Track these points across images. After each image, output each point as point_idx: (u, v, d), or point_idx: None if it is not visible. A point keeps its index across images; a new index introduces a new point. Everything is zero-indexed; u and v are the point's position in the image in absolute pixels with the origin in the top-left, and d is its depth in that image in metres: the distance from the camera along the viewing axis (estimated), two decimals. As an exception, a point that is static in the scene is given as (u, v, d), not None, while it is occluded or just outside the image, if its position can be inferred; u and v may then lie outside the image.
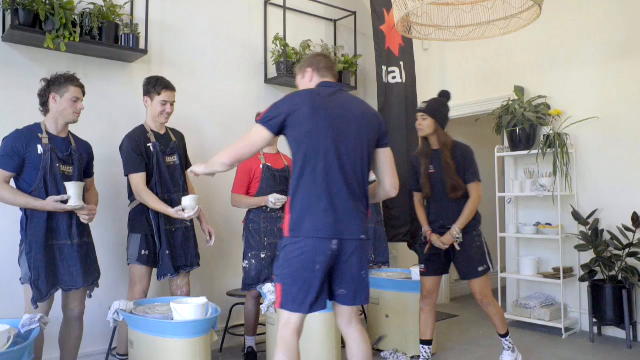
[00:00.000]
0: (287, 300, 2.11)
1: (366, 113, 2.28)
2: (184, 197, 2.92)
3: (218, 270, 4.05)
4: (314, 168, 2.12)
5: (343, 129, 2.17)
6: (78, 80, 2.77)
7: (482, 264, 3.17)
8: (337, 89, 2.28)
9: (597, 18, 4.25)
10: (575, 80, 4.37)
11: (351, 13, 4.94)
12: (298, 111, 2.14)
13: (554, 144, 4.20)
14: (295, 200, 2.14)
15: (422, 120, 3.21)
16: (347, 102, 2.25)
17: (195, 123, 3.92)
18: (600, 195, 4.21)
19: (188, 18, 4.01)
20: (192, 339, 2.51)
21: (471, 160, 3.18)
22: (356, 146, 2.19)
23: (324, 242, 2.08)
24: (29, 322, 2.30)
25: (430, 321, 3.29)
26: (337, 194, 2.12)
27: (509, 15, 3.01)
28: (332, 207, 2.10)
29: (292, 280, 2.09)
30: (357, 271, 2.16)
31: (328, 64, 2.35)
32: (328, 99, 2.20)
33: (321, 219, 2.08)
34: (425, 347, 3.29)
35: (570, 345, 3.93)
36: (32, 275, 2.55)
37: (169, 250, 3.02)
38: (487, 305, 3.20)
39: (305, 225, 2.09)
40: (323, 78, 2.33)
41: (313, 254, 2.07)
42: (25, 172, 2.63)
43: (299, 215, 2.11)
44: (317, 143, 2.13)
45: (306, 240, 2.08)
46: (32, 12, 3.06)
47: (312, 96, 2.20)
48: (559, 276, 4.17)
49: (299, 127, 2.13)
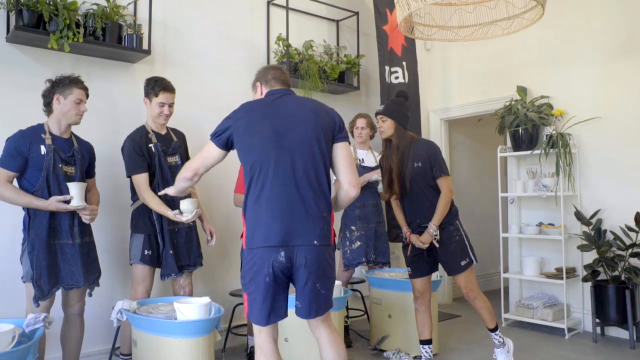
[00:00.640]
0: (249, 312, 2.13)
1: (315, 111, 2.19)
2: (182, 200, 2.89)
3: (221, 270, 4.05)
4: (261, 178, 2.10)
5: (289, 132, 2.12)
6: (82, 83, 2.79)
7: (464, 257, 3.12)
8: (283, 94, 2.25)
9: (600, 18, 4.24)
10: (578, 80, 4.37)
11: (354, 13, 4.94)
12: (239, 124, 2.15)
13: (557, 144, 4.20)
14: (246, 212, 2.13)
15: (382, 122, 3.19)
16: (293, 104, 2.21)
17: (197, 123, 3.92)
18: (603, 196, 4.21)
19: (191, 18, 4.02)
20: (196, 338, 2.52)
21: (436, 155, 3.14)
22: (306, 148, 2.12)
23: (272, 250, 2.04)
24: (33, 321, 2.32)
25: (427, 321, 3.27)
26: (286, 201, 2.07)
27: (512, 16, 3.01)
28: (281, 214, 2.06)
29: (251, 292, 2.10)
30: (311, 283, 2.07)
31: (276, 74, 2.33)
32: (271, 105, 2.19)
33: (268, 228, 2.05)
34: (426, 347, 3.28)
35: (573, 345, 3.93)
36: (34, 274, 2.57)
37: (172, 250, 3.03)
38: (474, 299, 3.18)
39: (257, 235, 2.08)
40: (271, 88, 2.30)
41: (262, 264, 2.05)
42: (28, 172, 2.66)
43: (250, 226, 2.11)
44: (262, 152, 2.10)
45: (256, 251, 2.07)
46: (36, 13, 3.08)
47: (253, 107, 2.20)
48: (561, 276, 4.16)
49: (242, 139, 2.14)
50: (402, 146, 3.15)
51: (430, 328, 3.30)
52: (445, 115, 5.39)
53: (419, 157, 3.12)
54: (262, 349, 2.15)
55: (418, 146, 3.17)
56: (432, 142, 3.26)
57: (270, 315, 2.10)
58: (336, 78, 4.59)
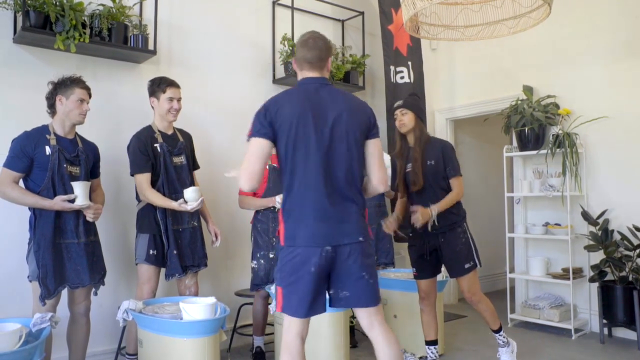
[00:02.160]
0: (285, 304, 2.11)
1: (352, 108, 2.17)
2: (186, 190, 2.94)
3: (226, 270, 4.06)
4: (303, 175, 2.08)
5: (330, 128, 2.10)
6: (84, 82, 2.81)
7: (469, 260, 3.10)
8: (319, 85, 2.18)
9: (606, 17, 4.22)
10: (584, 79, 4.34)
11: (359, 13, 4.94)
12: (282, 117, 2.08)
13: (563, 143, 4.18)
14: (286, 210, 2.12)
15: (402, 115, 3.15)
16: (331, 98, 2.16)
17: (202, 123, 3.93)
18: (610, 195, 4.18)
19: (196, 19, 4.03)
20: (201, 338, 2.52)
21: (451, 155, 3.14)
22: (345, 146, 2.12)
23: (315, 249, 2.05)
24: (40, 321, 2.33)
25: (432, 322, 3.26)
26: (330, 201, 2.08)
27: (518, 15, 2.99)
28: (324, 214, 2.07)
29: (288, 285, 2.09)
30: (357, 272, 2.11)
31: (300, 53, 2.19)
32: (311, 98, 2.12)
33: (313, 228, 2.06)
34: (432, 348, 3.28)
35: (579, 346, 3.90)
36: (40, 272, 2.59)
37: (176, 250, 3.03)
38: (477, 303, 3.16)
39: (299, 234, 2.07)
40: (301, 71, 2.21)
41: (306, 258, 2.05)
42: (34, 173, 2.68)
43: (292, 225, 2.10)
44: (303, 150, 2.08)
45: (300, 249, 2.07)
46: (43, 14, 3.09)
47: (294, 99, 2.12)
48: (568, 277, 4.14)
49: (283, 134, 2.08)
50: (423, 139, 3.14)
51: (436, 329, 3.29)
52: (450, 115, 5.37)
53: (433, 155, 3.11)
54: (288, 346, 2.11)
55: (433, 144, 3.16)
56: (447, 141, 3.25)
57: (310, 307, 2.09)
58: (342, 78, 4.59)
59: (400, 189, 3.21)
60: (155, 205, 3.01)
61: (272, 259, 3.44)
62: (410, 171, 3.13)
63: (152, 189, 2.99)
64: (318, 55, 2.18)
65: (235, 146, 4.11)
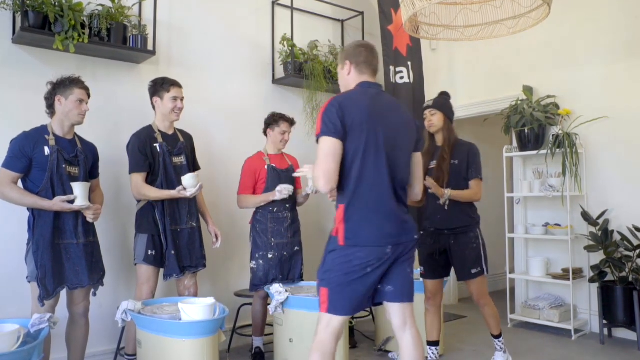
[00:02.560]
0: (333, 305, 2.10)
1: (407, 117, 2.29)
2: (184, 177, 2.96)
3: (225, 271, 4.05)
4: (372, 176, 2.11)
5: (393, 135, 2.17)
6: (83, 83, 2.81)
7: (476, 266, 3.14)
8: (380, 91, 2.25)
9: (607, 16, 4.21)
10: (584, 79, 4.33)
11: (359, 13, 4.93)
12: (353, 118, 2.09)
13: (563, 143, 4.17)
14: (351, 210, 2.11)
15: (432, 115, 3.23)
16: (391, 106, 2.25)
17: (202, 123, 3.93)
18: (610, 196, 4.17)
19: (196, 19, 4.02)
20: (200, 339, 2.52)
21: (476, 157, 3.21)
22: (404, 155, 2.22)
23: (381, 248, 2.09)
24: (38, 321, 2.32)
25: (435, 322, 3.28)
26: (394, 202, 2.15)
27: (518, 15, 2.98)
28: (391, 214, 2.13)
29: (339, 285, 2.08)
30: (406, 268, 2.19)
31: (368, 58, 2.27)
32: (376, 103, 2.18)
33: (379, 229, 2.09)
34: (433, 349, 3.29)
35: (580, 347, 3.90)
36: (39, 273, 2.59)
37: (174, 251, 3.02)
38: (484, 306, 3.21)
39: (363, 234, 2.08)
40: (361, 74, 2.27)
41: (367, 260, 2.07)
42: (33, 173, 2.67)
43: (356, 225, 2.09)
44: (376, 151, 2.12)
45: (363, 249, 2.07)
46: (42, 14, 3.08)
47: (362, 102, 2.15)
48: (568, 277, 4.13)
49: (356, 134, 2.10)
50: (452, 139, 3.20)
51: (439, 330, 3.31)
52: (450, 115, 5.36)
53: (458, 155, 3.18)
54: (323, 345, 2.09)
55: (460, 145, 3.23)
56: (473, 144, 3.30)
57: (359, 305, 2.14)
58: (341, 78, 4.58)
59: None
60: (155, 199, 3.00)
61: (271, 260, 3.44)
62: (434, 168, 3.20)
63: (146, 185, 3.00)
64: (377, 64, 2.32)
65: (234, 146, 4.11)
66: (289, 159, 3.69)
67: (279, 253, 3.45)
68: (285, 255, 3.49)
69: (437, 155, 3.22)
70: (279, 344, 3.22)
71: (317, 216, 4.60)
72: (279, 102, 4.36)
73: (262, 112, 3.93)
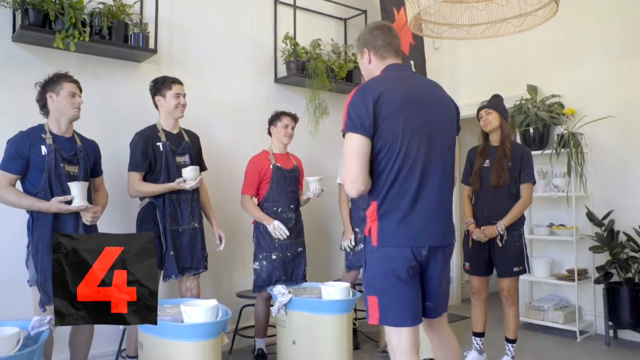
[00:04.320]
0: (388, 315, 1.92)
1: (445, 95, 2.06)
2: (184, 169, 2.95)
3: (228, 271, 4.02)
4: (414, 170, 1.90)
5: (432, 119, 1.95)
6: (71, 77, 2.74)
7: (519, 264, 3.22)
8: (410, 72, 2.05)
9: (612, 15, 4.17)
10: (589, 78, 4.30)
11: (361, 11, 4.89)
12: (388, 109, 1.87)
13: (568, 143, 4.13)
14: (384, 207, 1.92)
15: (487, 115, 3.29)
16: (426, 86, 2.03)
17: (204, 122, 3.89)
18: (616, 196, 4.13)
19: (197, 17, 3.98)
20: (203, 341, 2.48)
21: (529, 160, 3.27)
22: (445, 136, 1.99)
23: (419, 249, 1.91)
24: (38, 324, 2.29)
25: (481, 315, 3.37)
26: (430, 200, 1.92)
27: (525, 13, 2.94)
28: (433, 213, 1.93)
29: (388, 292, 1.91)
30: (441, 279, 2.00)
31: (386, 39, 2.05)
32: (410, 87, 1.96)
33: (419, 227, 1.91)
34: (477, 339, 3.39)
35: (585, 348, 3.86)
36: (39, 277, 2.53)
37: (173, 251, 2.98)
38: (510, 306, 3.27)
39: (398, 234, 1.90)
40: (384, 59, 2.06)
41: (405, 261, 1.89)
42: (30, 174, 2.61)
43: (390, 223, 1.91)
44: (418, 142, 1.90)
45: (400, 249, 1.90)
46: (42, 12, 3.05)
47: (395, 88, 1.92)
48: (573, 278, 4.10)
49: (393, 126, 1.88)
50: (509, 138, 3.25)
51: (484, 323, 3.39)
52: (453, 115, 5.32)
53: (512, 157, 3.21)
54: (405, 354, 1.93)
55: (515, 147, 3.27)
56: (527, 147, 3.37)
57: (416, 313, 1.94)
58: (344, 77, 4.55)
59: (475, 184, 3.32)
60: (153, 194, 2.97)
61: (274, 260, 3.40)
62: (489, 167, 3.24)
63: (142, 182, 2.98)
64: (399, 42, 2.09)
65: (236, 146, 4.07)
66: (294, 159, 3.65)
67: (282, 254, 3.42)
68: (288, 256, 3.45)
69: (491, 155, 3.26)
70: (282, 345, 3.18)
71: (321, 217, 4.57)
72: (281, 101, 4.32)
73: (264, 112, 3.89)
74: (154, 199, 3.01)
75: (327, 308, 3.04)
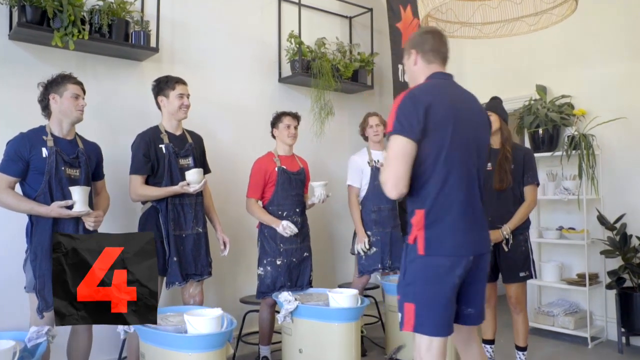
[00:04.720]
0: (424, 323, 1.91)
1: (481, 108, 2.13)
2: (188, 172, 2.86)
3: (231, 276, 3.92)
4: (459, 179, 1.93)
5: (474, 131, 2.01)
6: (75, 78, 2.67)
7: (525, 269, 3.15)
8: (453, 82, 2.09)
9: (623, 14, 4.08)
10: (600, 78, 4.20)
11: (367, 10, 4.79)
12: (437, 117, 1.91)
13: (579, 145, 4.04)
14: (433, 215, 1.92)
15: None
16: (466, 97, 2.09)
17: (207, 122, 3.79)
18: (628, 199, 4.04)
19: (200, 15, 3.88)
20: (207, 353, 2.38)
21: (532, 162, 3.19)
22: (483, 153, 2.06)
23: (462, 258, 1.92)
24: (35, 335, 2.20)
25: (491, 321, 3.28)
26: (474, 208, 1.97)
27: (540, 11, 2.86)
28: (476, 221, 1.98)
29: (427, 301, 1.91)
30: (482, 287, 2.06)
31: (435, 45, 2.10)
32: (455, 97, 2.02)
33: (464, 236, 1.93)
34: (487, 347, 3.30)
35: (596, 355, 3.77)
36: (37, 284, 2.44)
37: (176, 257, 2.88)
38: (519, 313, 3.19)
39: (447, 243, 1.91)
40: (429, 64, 2.10)
41: (451, 269, 1.90)
42: (30, 177, 2.53)
43: (438, 232, 1.92)
44: (463, 151, 1.95)
45: (446, 259, 1.91)
46: (40, 9, 2.95)
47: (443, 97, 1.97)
48: (584, 283, 4.01)
49: (441, 134, 1.91)
50: (509, 140, 3.18)
51: (494, 329, 3.30)
52: (460, 115, 5.23)
53: (514, 158, 3.15)
54: None
55: (515, 148, 3.20)
56: (529, 148, 3.27)
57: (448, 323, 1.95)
58: (350, 77, 4.45)
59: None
60: (156, 198, 2.88)
61: (279, 266, 3.30)
62: (491, 170, 3.16)
63: (145, 185, 2.89)
64: (448, 50, 2.16)
65: (239, 147, 3.98)
66: (301, 161, 3.55)
67: (287, 259, 3.32)
68: (294, 261, 3.35)
69: (492, 158, 3.17)
70: (288, 354, 3.09)
71: (327, 220, 4.47)
72: (285, 101, 4.23)
73: (268, 112, 3.78)
74: (157, 203, 2.90)
75: (335, 316, 2.95)
